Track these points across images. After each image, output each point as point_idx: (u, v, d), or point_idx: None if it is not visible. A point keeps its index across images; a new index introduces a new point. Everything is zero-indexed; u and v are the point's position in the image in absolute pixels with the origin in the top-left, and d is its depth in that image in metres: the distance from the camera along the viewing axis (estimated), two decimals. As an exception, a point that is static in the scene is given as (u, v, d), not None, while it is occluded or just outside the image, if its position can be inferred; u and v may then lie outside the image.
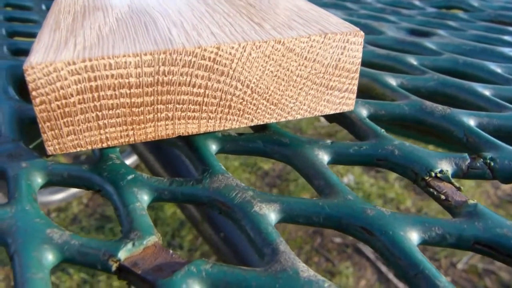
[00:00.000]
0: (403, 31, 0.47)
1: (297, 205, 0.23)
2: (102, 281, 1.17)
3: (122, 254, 0.20)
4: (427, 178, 0.25)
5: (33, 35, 0.48)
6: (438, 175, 0.25)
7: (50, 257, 0.20)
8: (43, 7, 0.58)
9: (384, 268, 1.22)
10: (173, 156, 0.76)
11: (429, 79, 0.34)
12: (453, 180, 0.25)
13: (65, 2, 0.31)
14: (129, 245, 0.21)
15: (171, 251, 0.21)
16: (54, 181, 0.26)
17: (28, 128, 0.30)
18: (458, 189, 0.24)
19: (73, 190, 1.38)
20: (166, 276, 0.19)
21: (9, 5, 0.58)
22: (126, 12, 0.29)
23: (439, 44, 0.42)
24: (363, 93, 0.33)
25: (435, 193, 0.24)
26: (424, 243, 0.22)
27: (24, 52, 0.43)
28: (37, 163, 0.26)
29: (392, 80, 0.34)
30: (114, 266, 0.20)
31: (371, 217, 0.22)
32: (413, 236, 0.21)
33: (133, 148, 0.86)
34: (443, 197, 0.24)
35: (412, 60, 0.37)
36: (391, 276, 1.21)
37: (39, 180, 0.25)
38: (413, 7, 0.58)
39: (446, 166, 0.25)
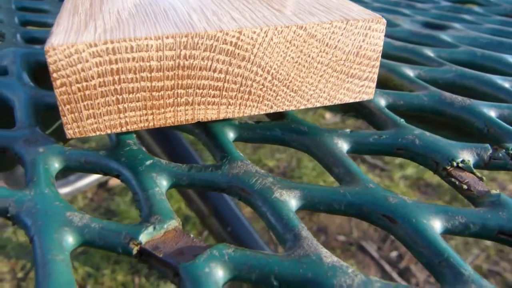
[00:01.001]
0: (418, 24, 0.46)
1: (318, 192, 0.23)
2: (107, 275, 1.17)
3: (143, 238, 0.20)
4: (448, 167, 0.24)
5: (45, 25, 0.47)
6: (460, 165, 0.24)
7: (70, 240, 0.20)
8: (55, -3, 0.58)
9: (388, 267, 1.22)
10: (181, 148, 0.76)
11: (447, 71, 0.34)
12: (475, 170, 0.24)
13: (82, -12, 0.31)
14: (150, 229, 0.20)
15: (192, 235, 0.20)
16: (72, 167, 0.25)
17: (43, 115, 0.30)
18: (480, 179, 0.24)
19: (78, 185, 1.38)
20: (189, 259, 0.19)
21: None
22: (144, -2, 0.28)
23: (456, 37, 0.41)
24: (381, 84, 0.33)
25: (456, 183, 0.24)
26: (447, 232, 0.21)
27: (37, 40, 0.42)
28: (54, 148, 0.26)
29: (410, 71, 0.34)
30: (135, 250, 0.20)
31: (394, 205, 0.22)
32: (436, 225, 0.21)
33: (140, 140, 0.86)
34: (465, 186, 0.24)
35: (429, 52, 0.37)
36: (394, 275, 1.21)
37: (56, 165, 0.25)
38: (427, 0, 0.57)
39: (467, 156, 0.25)
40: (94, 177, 1.40)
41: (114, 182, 1.47)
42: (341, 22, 0.24)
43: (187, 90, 0.24)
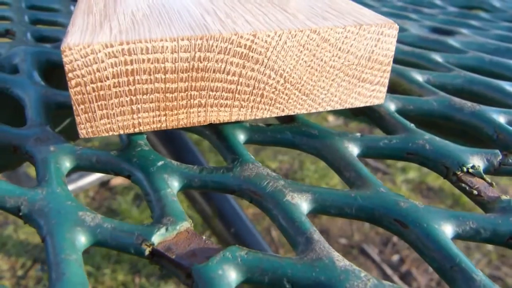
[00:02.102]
0: (426, 29, 0.46)
1: (329, 196, 0.23)
2: (107, 274, 1.17)
3: (156, 239, 0.20)
4: (458, 173, 0.25)
5: (55, 23, 0.48)
6: (470, 170, 0.25)
7: (82, 240, 0.20)
8: (63, -4, 0.58)
9: (389, 271, 1.22)
10: (184, 149, 0.76)
11: (456, 76, 0.34)
12: (485, 176, 0.24)
13: (94, -12, 0.31)
14: (163, 230, 0.20)
15: (204, 237, 0.21)
16: (83, 166, 0.26)
17: (54, 113, 0.30)
18: (490, 184, 0.24)
19: (80, 183, 1.38)
20: (201, 261, 0.19)
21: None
22: (157, -1, 0.29)
23: (463, 43, 0.41)
24: (390, 88, 0.33)
25: (467, 188, 0.24)
26: (458, 237, 0.22)
27: (47, 39, 0.42)
28: (65, 148, 0.26)
29: (419, 76, 0.34)
30: (147, 251, 0.20)
31: (405, 210, 0.22)
32: (448, 230, 0.21)
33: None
34: (475, 192, 0.24)
35: (438, 57, 0.37)
36: (396, 278, 1.20)
37: (67, 164, 0.25)
38: (434, 6, 0.58)
39: (477, 162, 0.25)
40: (96, 176, 1.40)
41: (116, 181, 1.47)
42: (354, 27, 0.24)
43: (201, 92, 0.24)
